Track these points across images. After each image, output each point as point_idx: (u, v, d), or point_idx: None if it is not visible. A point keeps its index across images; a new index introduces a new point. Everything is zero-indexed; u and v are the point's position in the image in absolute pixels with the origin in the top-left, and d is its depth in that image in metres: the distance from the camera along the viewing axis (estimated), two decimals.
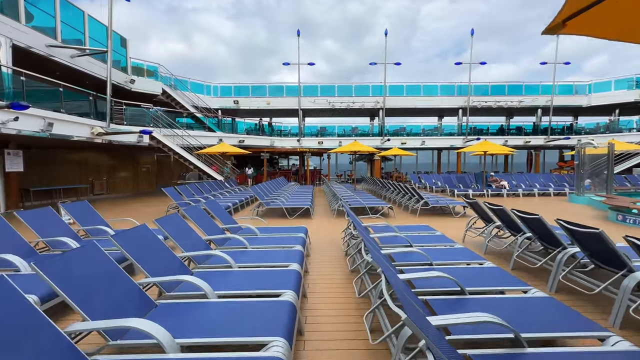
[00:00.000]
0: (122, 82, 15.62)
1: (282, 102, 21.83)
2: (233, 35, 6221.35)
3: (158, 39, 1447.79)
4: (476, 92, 21.76)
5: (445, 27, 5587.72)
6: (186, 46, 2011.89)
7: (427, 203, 8.41)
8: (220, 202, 9.15)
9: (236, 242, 4.26)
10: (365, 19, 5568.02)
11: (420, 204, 8.39)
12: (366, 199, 9.45)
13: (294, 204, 8.65)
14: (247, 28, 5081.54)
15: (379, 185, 14.02)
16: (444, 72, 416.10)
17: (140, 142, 13.68)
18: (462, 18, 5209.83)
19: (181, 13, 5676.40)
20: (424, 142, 21.34)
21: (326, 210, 9.70)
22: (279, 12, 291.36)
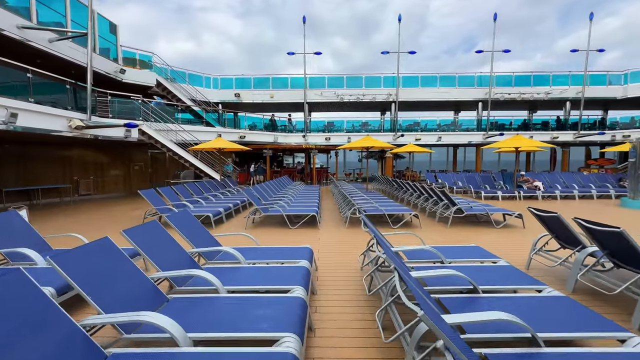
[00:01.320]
0: (111, 72, 14.28)
1: (286, 95, 20.32)
2: (241, 33, 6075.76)
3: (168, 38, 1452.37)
4: (498, 84, 19.91)
5: (454, 23, 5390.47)
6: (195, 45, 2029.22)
7: (461, 210, 6.82)
8: (208, 207, 7.71)
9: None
10: (374, 15, 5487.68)
11: (452, 212, 6.80)
12: (384, 204, 7.90)
13: (298, 210, 7.15)
14: (255, 26, 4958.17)
15: (394, 186, 12.43)
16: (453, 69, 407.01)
17: (129, 137, 12.34)
18: (470, 15, 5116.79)
19: (190, 12, 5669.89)
20: (441, 138, 19.62)
21: (335, 216, 8.18)
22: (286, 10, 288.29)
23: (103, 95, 11.90)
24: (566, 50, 18.20)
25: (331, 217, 8.03)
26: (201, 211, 7.06)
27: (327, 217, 8.13)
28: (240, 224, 7.19)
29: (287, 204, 8.20)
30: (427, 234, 6.22)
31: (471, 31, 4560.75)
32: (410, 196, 10.15)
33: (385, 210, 6.84)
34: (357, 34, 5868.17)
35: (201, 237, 3.83)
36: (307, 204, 8.21)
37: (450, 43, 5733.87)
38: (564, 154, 20.33)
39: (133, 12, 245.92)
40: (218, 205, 7.98)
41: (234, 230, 6.70)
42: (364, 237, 5.87)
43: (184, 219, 3.83)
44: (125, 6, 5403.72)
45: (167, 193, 7.85)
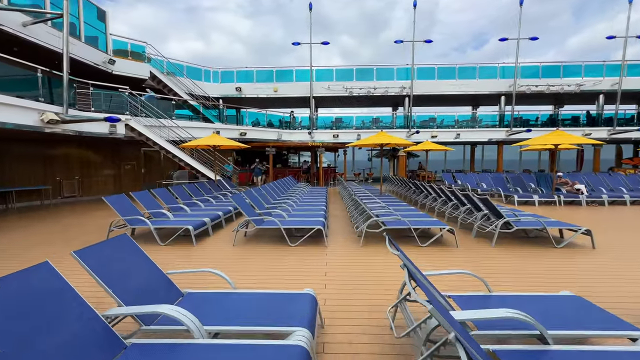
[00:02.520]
0: (99, 62, 13.08)
1: (291, 88, 18.89)
2: (250, 33, 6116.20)
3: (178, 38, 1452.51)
4: (523, 75, 18.11)
5: (464, 20, 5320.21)
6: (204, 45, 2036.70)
7: (509, 224, 5.29)
8: (193, 215, 6.34)
9: None
10: (383, 13, 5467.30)
11: (499, 226, 5.27)
12: (406, 213, 6.42)
13: (300, 221, 5.73)
14: (263, 26, 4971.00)
15: (411, 189, 10.91)
16: None
17: (114, 133, 11.09)
18: (480, 11, 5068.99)
19: (200, 12, 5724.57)
20: (459, 135, 17.94)
21: (346, 227, 6.72)
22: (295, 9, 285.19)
23: (84, 86, 10.65)
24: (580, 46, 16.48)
25: (341, 229, 6.58)
26: (180, 223, 5.69)
27: (335, 227, 6.68)
28: (230, 238, 5.80)
29: (288, 212, 6.77)
30: (469, 257, 4.72)
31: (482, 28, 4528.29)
32: (434, 202, 8.63)
33: (411, 223, 5.35)
34: (365, 32, 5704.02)
35: (140, 280, 2.41)
36: (312, 212, 6.78)
37: (461, 40, 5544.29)
38: (595, 153, 18.43)
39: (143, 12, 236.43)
40: (205, 214, 6.60)
41: (218, 248, 5.31)
42: (385, 261, 4.42)
43: (116, 250, 2.43)
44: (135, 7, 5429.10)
45: (144, 199, 6.51)
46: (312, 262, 4.54)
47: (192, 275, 3.88)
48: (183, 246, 5.43)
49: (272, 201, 7.79)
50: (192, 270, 2.86)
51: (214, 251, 5.16)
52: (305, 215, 6.46)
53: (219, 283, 3.67)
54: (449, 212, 7.31)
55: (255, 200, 6.51)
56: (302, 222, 5.63)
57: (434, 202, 8.70)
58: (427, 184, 9.18)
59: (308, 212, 6.73)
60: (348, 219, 7.81)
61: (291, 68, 18.96)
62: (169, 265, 4.36)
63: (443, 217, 7.61)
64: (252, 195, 6.61)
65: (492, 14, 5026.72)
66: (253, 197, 6.54)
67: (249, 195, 6.39)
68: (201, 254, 5.00)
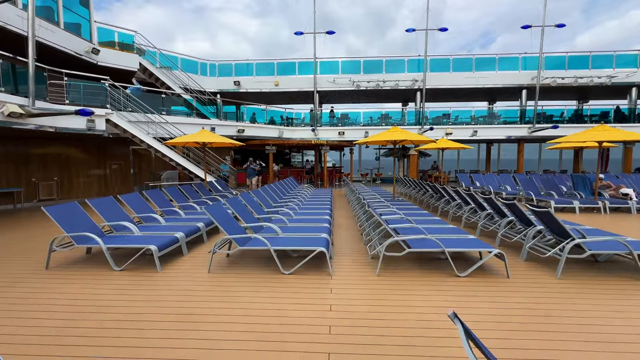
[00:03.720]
0: (81, 52, 11.88)
1: (293, 82, 17.56)
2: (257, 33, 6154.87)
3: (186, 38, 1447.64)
4: (547, 66, 16.52)
5: (470, 18, 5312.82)
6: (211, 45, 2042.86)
7: (581, 247, 3.88)
8: (168, 227, 5.05)
9: None
10: (389, 12, 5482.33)
11: (566, 250, 3.87)
12: (432, 227, 5.05)
13: (297, 238, 4.41)
14: (270, 26, 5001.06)
15: (426, 192, 9.51)
16: None
17: (93, 129, 9.90)
18: (487, 8, 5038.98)
19: (208, 12, 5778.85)
20: (476, 132, 16.44)
21: (354, 242, 5.38)
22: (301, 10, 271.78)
23: (58, 76, 9.45)
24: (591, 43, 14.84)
25: (349, 245, 5.23)
26: (142, 240, 4.40)
27: (342, 243, 5.33)
28: (207, 261, 4.49)
29: (284, 223, 5.45)
30: (528, 294, 3.33)
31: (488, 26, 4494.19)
32: (459, 209, 7.24)
33: (446, 244, 3.97)
34: (371, 31, 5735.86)
35: None
36: (314, 224, 5.45)
37: (468, 38, 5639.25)
38: (627, 152, 16.77)
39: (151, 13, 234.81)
40: (182, 226, 5.31)
41: (189, 274, 4.02)
42: (413, 300, 3.06)
43: None
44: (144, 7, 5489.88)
45: (107, 208, 5.23)
46: (311, 300, 3.22)
47: None
48: (144, 272, 4.14)
49: (265, 209, 6.47)
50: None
51: (182, 280, 3.87)
52: (305, 228, 5.13)
53: None
54: (483, 224, 5.92)
55: (241, 209, 5.20)
56: (300, 242, 4.30)
57: (459, 210, 7.31)
58: (450, 188, 7.79)
59: (308, 225, 5.39)
60: (356, 229, 6.46)
61: (293, 60, 17.62)
62: (115, 299, 3.07)
63: (473, 228, 6.22)
64: (238, 204, 5.30)
65: (498, 11, 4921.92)
66: (239, 206, 5.23)
67: (233, 203, 5.08)
68: (164, 285, 3.72)
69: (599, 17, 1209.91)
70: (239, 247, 4.13)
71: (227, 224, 4.34)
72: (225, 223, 4.32)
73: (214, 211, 4.29)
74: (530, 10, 15.05)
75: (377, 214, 5.00)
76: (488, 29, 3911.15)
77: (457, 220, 7.43)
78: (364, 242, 5.46)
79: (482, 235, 5.94)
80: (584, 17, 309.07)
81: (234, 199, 5.40)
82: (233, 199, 5.34)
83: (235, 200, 5.36)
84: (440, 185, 8.48)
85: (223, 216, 4.44)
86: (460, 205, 7.44)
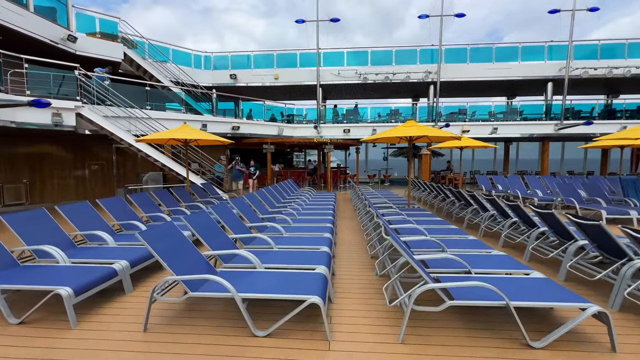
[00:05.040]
0: (55, 39, 10.64)
1: (294, 75, 16.16)
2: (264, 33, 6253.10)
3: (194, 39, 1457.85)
4: (576, 56, 14.83)
5: (477, 15, 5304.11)
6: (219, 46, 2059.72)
7: None
8: (103, 253, 3.68)
9: None
10: (396, 12, 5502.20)
11: None
12: (474, 255, 3.59)
13: (281, 277, 3.00)
14: (277, 26, 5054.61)
15: (446, 197, 8.01)
16: None
17: (60, 124, 8.62)
18: (494, 6, 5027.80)
19: (215, 13, 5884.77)
20: (496, 129, 14.85)
21: (365, 275, 3.94)
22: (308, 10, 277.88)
23: (17, 62, 8.18)
24: None
25: (356, 278, 3.80)
26: (52, 279, 3.03)
27: (347, 275, 3.90)
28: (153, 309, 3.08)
29: (269, 246, 4.04)
30: None
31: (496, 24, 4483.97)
32: (494, 223, 5.76)
33: (512, 295, 2.50)
34: (378, 30, 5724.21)
35: None
36: (309, 247, 4.04)
37: (474, 37, 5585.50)
38: None
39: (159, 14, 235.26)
40: (132, 248, 3.94)
41: (117, 334, 2.64)
42: None
43: None
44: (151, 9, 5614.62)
45: (27, 223, 3.87)
46: None
47: None
48: (51, 325, 2.77)
49: (248, 224, 5.05)
50: None
51: (103, 343, 2.49)
52: (296, 255, 3.72)
53: None
54: (536, 247, 4.42)
55: (209, 229, 3.80)
56: (284, 283, 2.89)
57: (494, 224, 5.81)
58: (484, 196, 6.29)
59: (302, 249, 3.98)
60: (365, 249, 5.02)
61: (295, 51, 16.20)
62: None
63: (517, 249, 4.73)
64: (205, 222, 3.90)
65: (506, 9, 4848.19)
66: (206, 225, 3.82)
67: (196, 222, 3.69)
68: (73, 354, 2.33)
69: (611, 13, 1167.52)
70: (190, 292, 2.73)
71: (171, 259, 2.92)
72: (170, 258, 2.91)
73: (149, 238, 2.87)
74: (539, 8, 13.40)
75: (390, 229, 3.52)
76: (496, 27, 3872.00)
77: (492, 236, 5.94)
78: (376, 272, 4.02)
79: (533, 261, 4.44)
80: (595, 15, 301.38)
81: (200, 214, 4.00)
82: (199, 215, 3.94)
83: (201, 216, 3.95)
84: (467, 192, 6.99)
85: (165, 247, 3.03)
86: (494, 217, 5.95)
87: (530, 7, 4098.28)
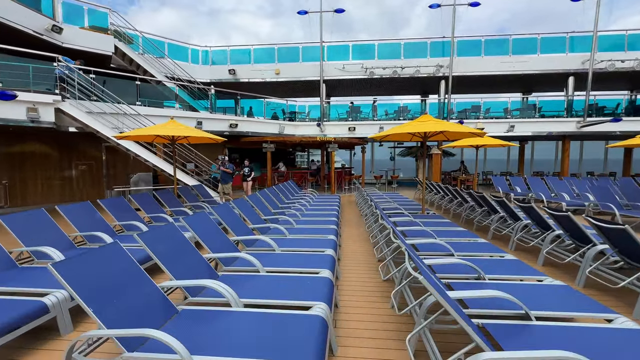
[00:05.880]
0: (39, 30, 9.91)
1: (296, 70, 15.29)
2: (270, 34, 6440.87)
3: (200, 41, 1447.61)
4: (601, 48, 13.73)
5: (484, 14, 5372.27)
6: None
7: None
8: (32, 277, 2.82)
9: None
10: (402, 12, 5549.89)
11: None
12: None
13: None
14: (283, 27, 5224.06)
15: (465, 202, 7.06)
16: None
17: (36, 120, 7.85)
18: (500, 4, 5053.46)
19: (222, 14, 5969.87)
20: (513, 127, 13.82)
21: (378, 304, 3.06)
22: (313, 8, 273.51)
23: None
24: None
25: (367, 309, 2.91)
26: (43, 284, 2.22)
27: (350, 277, 3.01)
28: None
29: (252, 269, 3.18)
30: None
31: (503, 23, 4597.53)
32: (531, 235, 4.82)
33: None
34: (384, 30, 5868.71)
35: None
36: (306, 268, 3.17)
37: None
38: None
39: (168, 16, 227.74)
40: None
41: None
42: None
43: None
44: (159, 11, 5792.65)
45: None
46: None
47: None
48: None
49: (234, 237, 4.17)
50: None
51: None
52: (288, 282, 2.84)
53: None
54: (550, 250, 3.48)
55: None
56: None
57: (504, 226, 4.88)
58: (517, 203, 5.35)
59: (296, 273, 3.10)
60: (374, 262, 4.13)
61: (297, 45, 15.33)
62: None
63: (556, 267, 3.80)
64: (206, 223, 3.07)
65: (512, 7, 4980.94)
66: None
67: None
68: None
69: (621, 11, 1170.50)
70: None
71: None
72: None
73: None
74: (546, 6, 12.36)
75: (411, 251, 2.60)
76: (503, 25, 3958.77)
77: (500, 239, 4.99)
78: (393, 303, 3.13)
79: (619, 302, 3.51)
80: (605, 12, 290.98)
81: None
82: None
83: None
84: (496, 198, 6.03)
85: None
86: (532, 230, 5.00)
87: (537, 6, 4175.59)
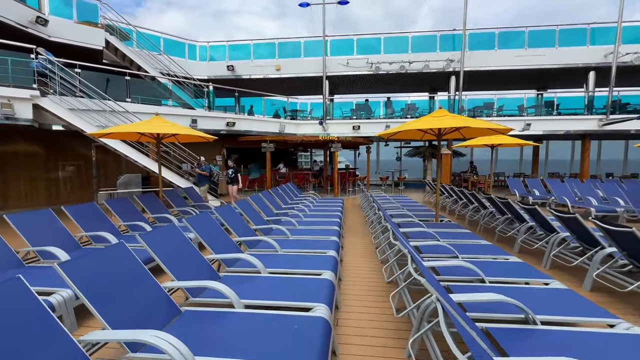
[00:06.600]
0: (22, 22, 9.29)
1: (298, 66, 14.55)
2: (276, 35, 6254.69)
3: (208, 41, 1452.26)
4: (624, 40, 12.78)
5: (490, 13, 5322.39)
6: None
7: None
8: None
9: None
10: (408, 13, 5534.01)
11: None
12: None
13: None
14: (288, 28, 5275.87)
15: (482, 208, 6.24)
16: None
17: (11, 117, 7.20)
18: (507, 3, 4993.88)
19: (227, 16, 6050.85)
20: (529, 125, 12.93)
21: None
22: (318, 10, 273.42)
23: None
24: None
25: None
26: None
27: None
28: None
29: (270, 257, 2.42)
30: None
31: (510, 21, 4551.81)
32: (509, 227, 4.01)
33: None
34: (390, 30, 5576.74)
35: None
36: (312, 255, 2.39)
37: None
38: None
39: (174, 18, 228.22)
40: None
41: None
42: None
43: None
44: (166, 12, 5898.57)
45: None
46: None
47: None
48: None
49: (212, 255, 3.41)
50: None
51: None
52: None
53: None
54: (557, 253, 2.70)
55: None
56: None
57: (509, 228, 4.06)
58: (557, 212, 4.54)
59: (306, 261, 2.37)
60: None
61: (299, 40, 14.60)
62: None
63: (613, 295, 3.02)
64: (209, 224, 2.70)
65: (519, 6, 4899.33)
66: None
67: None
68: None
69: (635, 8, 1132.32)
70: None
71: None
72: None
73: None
74: (553, 4, 11.45)
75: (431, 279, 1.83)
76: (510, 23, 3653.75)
77: (505, 241, 4.17)
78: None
79: None
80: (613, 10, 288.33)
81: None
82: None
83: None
84: (523, 205, 5.21)
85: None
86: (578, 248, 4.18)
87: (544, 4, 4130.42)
